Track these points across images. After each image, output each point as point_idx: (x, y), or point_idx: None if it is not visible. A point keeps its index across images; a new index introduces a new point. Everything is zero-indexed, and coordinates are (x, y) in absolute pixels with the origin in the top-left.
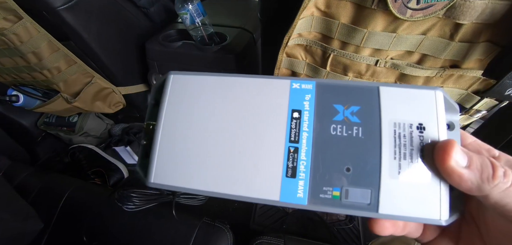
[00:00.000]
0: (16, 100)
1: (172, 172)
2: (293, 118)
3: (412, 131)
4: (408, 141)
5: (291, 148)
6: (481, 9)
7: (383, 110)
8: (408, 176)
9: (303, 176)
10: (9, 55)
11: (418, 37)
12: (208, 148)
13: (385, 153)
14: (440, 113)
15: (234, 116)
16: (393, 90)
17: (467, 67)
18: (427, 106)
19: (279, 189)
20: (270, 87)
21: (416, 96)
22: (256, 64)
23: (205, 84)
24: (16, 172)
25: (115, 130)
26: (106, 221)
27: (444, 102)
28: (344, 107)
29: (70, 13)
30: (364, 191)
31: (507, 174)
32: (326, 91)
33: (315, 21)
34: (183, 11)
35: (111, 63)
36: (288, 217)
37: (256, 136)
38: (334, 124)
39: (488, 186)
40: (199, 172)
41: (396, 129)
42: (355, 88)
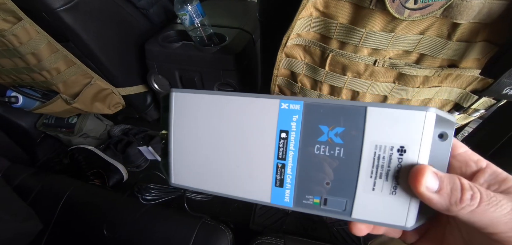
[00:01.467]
0: (15, 102)
1: (186, 175)
2: (281, 138)
3: (392, 153)
4: (386, 162)
5: (279, 164)
6: (478, 9)
7: (367, 132)
8: (380, 192)
9: (289, 186)
10: (8, 56)
11: (416, 37)
12: (212, 157)
13: (362, 173)
14: (426, 136)
15: (232, 132)
16: (380, 111)
17: (465, 67)
18: (414, 128)
19: (270, 194)
20: (261, 107)
21: (404, 117)
22: (255, 65)
23: (204, 101)
24: (15, 173)
25: (114, 131)
26: (106, 222)
27: (435, 122)
28: (329, 128)
29: (70, 14)
30: (340, 200)
31: (474, 197)
32: (313, 111)
33: (314, 21)
34: (182, 12)
35: (110, 64)
36: (288, 217)
37: (250, 151)
38: (318, 144)
39: (456, 208)
40: (207, 176)
41: (376, 150)
42: (343, 109)
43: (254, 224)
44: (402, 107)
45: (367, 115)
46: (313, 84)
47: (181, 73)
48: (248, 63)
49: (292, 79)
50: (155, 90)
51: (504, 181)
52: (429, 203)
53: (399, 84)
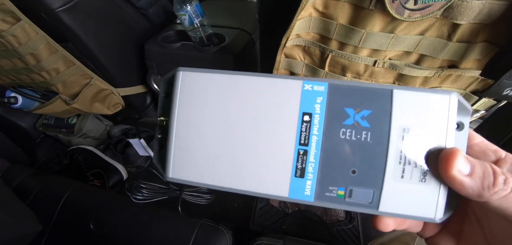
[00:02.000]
0: (15, 102)
1: (188, 167)
2: (304, 122)
3: (420, 137)
4: (414, 147)
5: (301, 150)
6: (479, 9)
7: (394, 116)
8: (410, 179)
9: (311, 176)
10: (8, 57)
11: (416, 37)
12: (221, 146)
13: (391, 158)
14: (451, 120)
15: (246, 116)
16: (406, 94)
17: (465, 67)
18: (439, 112)
19: (288, 187)
20: (282, 88)
21: (429, 100)
22: (255, 65)
23: (215, 82)
24: (14, 174)
25: (114, 131)
26: (105, 222)
27: (457, 106)
28: (355, 111)
29: (69, 14)
30: (367, 191)
31: (507, 181)
32: (338, 93)
33: (313, 22)
34: (182, 12)
35: (109, 65)
36: (287, 218)
37: (267, 137)
38: (344, 128)
39: (488, 193)
40: (213, 169)
41: (404, 134)
42: (369, 91)
43: (254, 225)
44: (426, 91)
45: (393, 98)
46: None
47: None
48: (247, 63)
49: None
50: (155, 90)
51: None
52: (461, 187)
53: (399, 85)
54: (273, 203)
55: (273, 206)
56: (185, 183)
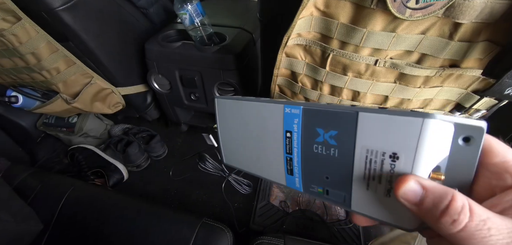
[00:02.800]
0: (15, 101)
1: (232, 158)
2: (287, 137)
3: (384, 159)
4: (378, 166)
5: (288, 157)
6: (480, 9)
7: (358, 137)
8: (375, 192)
9: (297, 175)
10: (8, 56)
11: (417, 36)
12: (245, 147)
13: (356, 172)
14: (424, 144)
15: (255, 130)
16: (372, 117)
17: (466, 67)
18: (408, 136)
19: (284, 179)
20: (271, 111)
21: (398, 124)
22: (255, 65)
23: (235, 106)
24: (15, 173)
25: (114, 130)
26: (106, 221)
27: (436, 131)
28: (324, 131)
29: (69, 13)
30: (339, 193)
31: (459, 219)
32: (310, 116)
33: (314, 21)
34: (182, 12)
35: (110, 64)
36: (288, 217)
37: (269, 146)
38: (316, 144)
39: (436, 225)
40: (243, 160)
41: (367, 154)
42: (335, 115)
43: (254, 224)
44: (396, 113)
45: (358, 120)
46: (313, 84)
47: (181, 72)
48: (248, 63)
49: (293, 79)
50: (155, 89)
51: None
52: (411, 212)
53: (400, 84)
54: (274, 202)
55: (273, 205)
56: (232, 166)
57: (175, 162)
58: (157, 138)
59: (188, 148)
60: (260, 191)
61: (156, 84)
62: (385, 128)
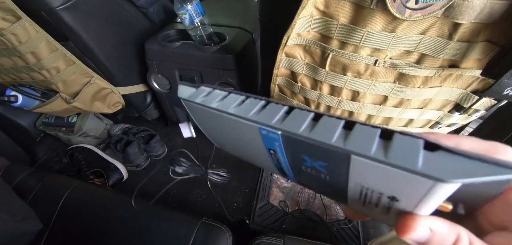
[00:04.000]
0: (15, 101)
1: (222, 146)
2: (271, 153)
3: (381, 197)
4: (375, 200)
5: (278, 165)
6: (480, 9)
7: (351, 176)
8: (371, 210)
9: (291, 177)
10: (8, 56)
11: (416, 37)
12: (231, 142)
13: (350, 195)
14: (431, 201)
15: (236, 137)
16: (368, 164)
17: (465, 67)
18: (413, 191)
19: (279, 174)
20: (249, 130)
21: (401, 178)
22: (255, 65)
23: (207, 114)
24: (15, 173)
25: (114, 130)
26: (106, 221)
27: (449, 191)
28: (311, 159)
29: (69, 13)
30: (334, 197)
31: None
32: (291, 143)
33: (314, 21)
34: (182, 11)
35: (110, 64)
36: (287, 217)
37: (254, 153)
38: (304, 166)
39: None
40: (233, 148)
41: (363, 190)
42: (322, 150)
43: (254, 224)
44: (397, 167)
45: (350, 163)
46: (313, 84)
47: (181, 72)
48: (248, 62)
49: (292, 79)
50: (155, 89)
51: None
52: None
53: (399, 84)
54: (273, 202)
55: (273, 205)
56: (228, 151)
57: None
58: (157, 138)
59: (188, 148)
60: (259, 191)
61: (155, 84)
62: (384, 177)
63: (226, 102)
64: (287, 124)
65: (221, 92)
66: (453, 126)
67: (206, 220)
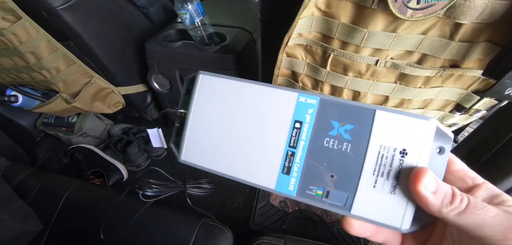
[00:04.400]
0: (15, 101)
1: (197, 154)
2: (295, 128)
3: (394, 155)
4: (388, 162)
5: (290, 152)
6: (481, 9)
7: (373, 133)
8: (381, 189)
9: (295, 174)
10: (8, 56)
11: (418, 37)
12: (225, 139)
13: (366, 169)
14: (426, 142)
15: (249, 117)
16: (388, 115)
17: (467, 67)
18: (416, 134)
19: (275, 181)
20: (280, 97)
21: (408, 123)
22: (256, 65)
23: (227, 86)
24: (15, 173)
25: (114, 130)
26: (106, 221)
27: (435, 132)
28: (340, 124)
29: (69, 13)
30: (342, 194)
31: (462, 201)
32: (327, 107)
33: (315, 21)
34: (183, 11)
35: (110, 64)
36: (288, 217)
37: (264, 137)
38: (328, 138)
39: (445, 210)
40: (217, 157)
41: (380, 150)
42: (354, 109)
43: (254, 224)
44: (407, 114)
45: (375, 117)
46: (314, 84)
47: (181, 72)
48: (248, 62)
49: (293, 79)
50: (155, 89)
51: (497, 196)
52: (424, 202)
53: (400, 84)
54: (274, 202)
55: (273, 205)
56: (192, 165)
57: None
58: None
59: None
60: (260, 191)
61: (156, 84)
62: (397, 126)
63: (253, 82)
64: (322, 95)
65: (239, 79)
66: (454, 126)
67: (206, 220)
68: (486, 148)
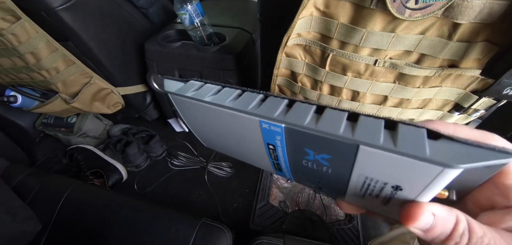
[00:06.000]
0: (14, 101)
1: (211, 143)
2: (270, 149)
3: (384, 188)
4: (377, 191)
5: (274, 161)
6: (479, 9)
7: (356, 167)
8: (371, 201)
9: (287, 173)
10: (7, 56)
11: (416, 37)
12: (223, 140)
13: (351, 187)
14: (436, 187)
15: (231, 133)
16: (376, 154)
17: (465, 67)
18: (419, 178)
19: (274, 172)
20: (247, 124)
21: (409, 166)
22: (255, 65)
23: (199, 109)
24: (14, 173)
25: (114, 130)
26: (105, 222)
27: (455, 175)
28: (314, 153)
29: (69, 13)
30: (332, 193)
31: (459, 243)
32: (295, 137)
33: (314, 21)
34: (182, 12)
35: (109, 64)
36: (287, 217)
37: (249, 148)
38: (305, 160)
39: None
40: (225, 147)
41: (366, 180)
42: (328, 141)
43: (254, 224)
44: (407, 155)
45: (358, 153)
46: (313, 84)
47: (181, 72)
48: (248, 63)
49: (292, 79)
50: (155, 90)
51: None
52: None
53: (399, 84)
54: (273, 202)
55: (273, 205)
56: (213, 149)
57: None
58: (157, 138)
59: (187, 148)
60: (259, 191)
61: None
62: (391, 166)
63: (220, 96)
64: (290, 116)
65: (214, 86)
66: None
67: (206, 220)
68: None
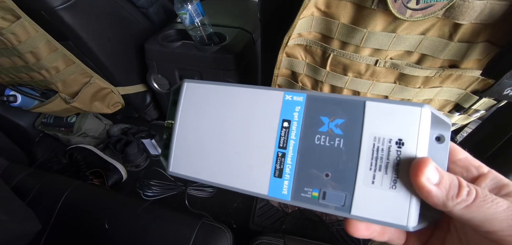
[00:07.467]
0: (14, 101)
1: (185, 164)
2: (283, 127)
3: (391, 146)
4: (385, 154)
5: (280, 153)
6: (480, 9)
7: (366, 125)
8: (380, 186)
9: (288, 177)
10: (7, 55)
11: (417, 37)
12: (213, 147)
13: (362, 164)
14: (423, 131)
15: (236, 122)
16: (379, 105)
17: (466, 67)
18: (410, 123)
19: (268, 186)
20: (266, 97)
21: (401, 112)
22: (255, 65)
23: (213, 92)
24: (13, 173)
25: (113, 130)
26: (105, 222)
27: (431, 119)
28: (329, 119)
29: (69, 12)
30: (340, 194)
31: (470, 193)
32: (315, 103)
33: (315, 21)
34: (182, 11)
35: (109, 63)
36: (287, 217)
37: (253, 140)
38: (318, 134)
39: (451, 203)
40: (206, 166)
41: (375, 142)
42: (342, 102)
43: (254, 224)
44: (398, 103)
45: (365, 108)
46: (314, 85)
47: (181, 72)
48: (248, 63)
49: (293, 79)
50: (155, 89)
51: (504, 186)
52: (428, 196)
53: (400, 84)
54: (273, 203)
55: (272, 206)
56: (182, 177)
57: None
58: (157, 138)
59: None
60: None
61: (155, 84)
62: (390, 115)
63: (236, 85)
64: (309, 92)
65: (224, 83)
66: (453, 126)
67: (206, 220)
68: (485, 148)
